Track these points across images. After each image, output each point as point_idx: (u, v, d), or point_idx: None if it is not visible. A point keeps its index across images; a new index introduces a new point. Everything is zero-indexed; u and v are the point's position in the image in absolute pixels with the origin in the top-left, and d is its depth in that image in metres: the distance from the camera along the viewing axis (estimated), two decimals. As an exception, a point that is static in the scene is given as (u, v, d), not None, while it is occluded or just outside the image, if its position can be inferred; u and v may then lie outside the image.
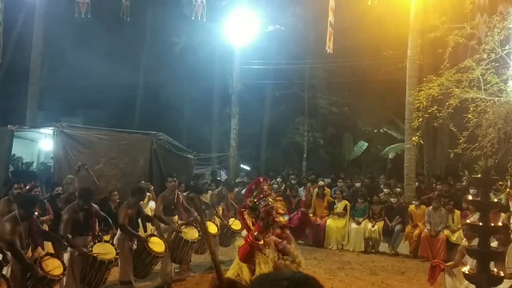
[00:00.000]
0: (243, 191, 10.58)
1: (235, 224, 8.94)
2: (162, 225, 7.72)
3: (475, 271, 4.69)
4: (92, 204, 6.52)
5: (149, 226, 8.04)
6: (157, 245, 7.08)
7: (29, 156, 14.09)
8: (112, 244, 6.59)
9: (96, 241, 6.35)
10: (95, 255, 6.09)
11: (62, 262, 5.93)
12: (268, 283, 1.39)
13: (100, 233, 6.88)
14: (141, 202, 7.98)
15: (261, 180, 4.70)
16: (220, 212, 9.22)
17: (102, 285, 6.45)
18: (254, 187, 4.60)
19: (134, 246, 7.00)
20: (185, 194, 8.91)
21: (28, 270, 5.39)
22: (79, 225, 6.20)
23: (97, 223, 6.66)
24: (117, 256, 6.44)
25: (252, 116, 20.48)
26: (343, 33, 13.30)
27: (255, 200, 4.45)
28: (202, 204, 9.10)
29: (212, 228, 8.35)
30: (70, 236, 6.11)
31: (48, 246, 6.56)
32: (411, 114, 11.12)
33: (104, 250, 6.31)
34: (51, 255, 5.93)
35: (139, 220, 7.44)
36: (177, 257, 7.75)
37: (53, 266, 5.69)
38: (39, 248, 5.76)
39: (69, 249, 6.20)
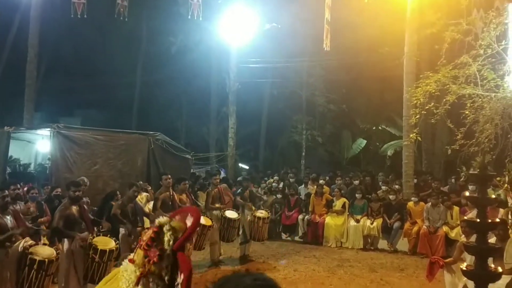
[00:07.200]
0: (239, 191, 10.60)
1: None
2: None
3: (474, 267, 4.68)
4: (83, 205, 6.58)
5: (146, 221, 8.06)
6: None
7: (26, 157, 14.10)
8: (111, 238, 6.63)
9: (95, 235, 6.37)
10: (95, 245, 6.09)
11: (55, 249, 5.96)
12: None
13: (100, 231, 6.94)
14: (140, 200, 8.04)
15: None
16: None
17: None
18: None
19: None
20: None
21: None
22: (74, 221, 6.20)
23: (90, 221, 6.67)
24: (118, 246, 6.45)
25: (250, 115, 20.45)
26: (340, 30, 13.26)
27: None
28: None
29: (206, 221, 8.39)
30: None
31: (44, 240, 6.58)
32: (408, 111, 11.10)
33: (104, 241, 6.33)
34: (44, 244, 6.02)
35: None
36: None
37: (43, 252, 5.72)
38: (27, 238, 5.81)
39: (66, 245, 6.18)
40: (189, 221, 2.91)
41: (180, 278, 2.76)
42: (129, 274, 2.84)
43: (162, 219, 2.90)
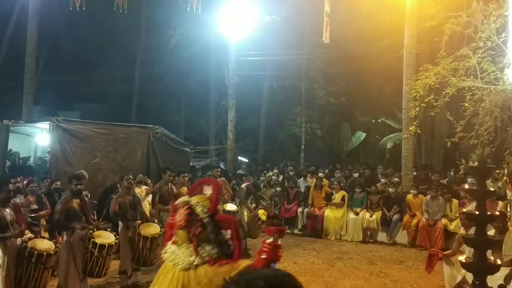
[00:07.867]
0: (243, 184, 10.62)
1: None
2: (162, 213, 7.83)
3: (472, 260, 4.70)
4: (85, 198, 6.58)
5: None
6: (150, 228, 7.06)
7: (25, 151, 14.09)
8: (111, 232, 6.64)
9: (95, 229, 6.38)
10: (94, 239, 6.10)
11: (54, 242, 5.97)
12: (244, 283, 1.38)
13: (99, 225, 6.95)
14: (140, 193, 8.06)
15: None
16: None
17: (104, 275, 6.48)
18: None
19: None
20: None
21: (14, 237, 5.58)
22: (74, 215, 6.21)
23: (92, 214, 6.70)
24: (117, 241, 6.47)
25: (249, 108, 20.43)
26: (340, 23, 13.20)
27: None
28: None
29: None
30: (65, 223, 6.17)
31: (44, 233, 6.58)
32: (408, 104, 11.10)
33: (103, 236, 6.34)
34: (43, 238, 6.04)
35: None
36: None
37: (42, 245, 5.73)
38: (27, 231, 5.82)
39: (66, 238, 6.19)
40: (208, 190, 3.40)
41: (228, 233, 3.27)
42: (182, 252, 3.30)
43: (184, 198, 3.41)
